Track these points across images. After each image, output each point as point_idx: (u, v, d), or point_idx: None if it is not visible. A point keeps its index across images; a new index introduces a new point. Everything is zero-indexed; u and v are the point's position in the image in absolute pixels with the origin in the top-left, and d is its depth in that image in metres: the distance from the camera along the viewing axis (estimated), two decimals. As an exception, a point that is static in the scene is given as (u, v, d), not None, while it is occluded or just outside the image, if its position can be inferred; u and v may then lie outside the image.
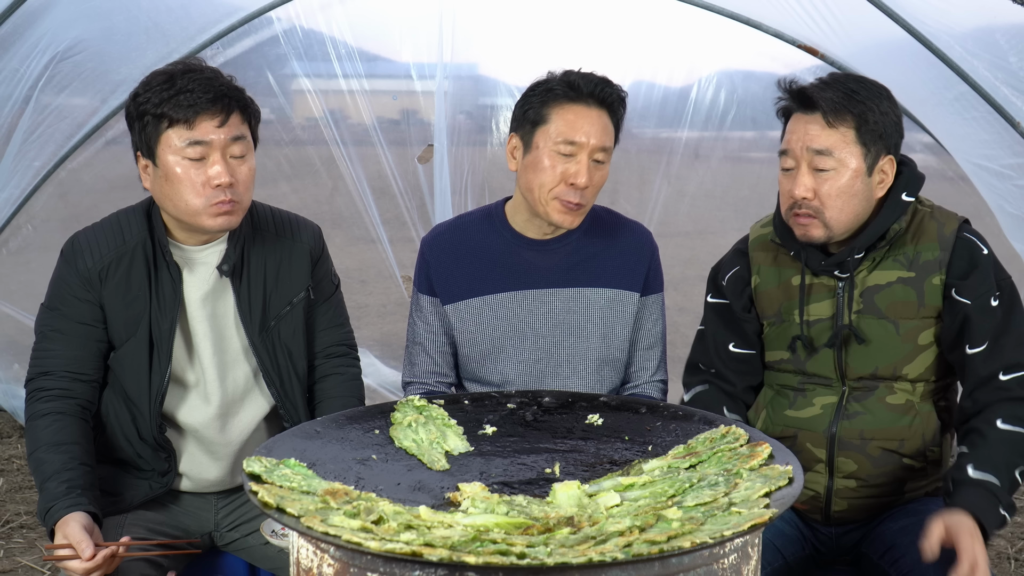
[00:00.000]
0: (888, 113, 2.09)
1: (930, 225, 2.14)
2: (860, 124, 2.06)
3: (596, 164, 2.28)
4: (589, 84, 2.27)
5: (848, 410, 2.17)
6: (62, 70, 3.92)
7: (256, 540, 2.24)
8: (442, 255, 2.43)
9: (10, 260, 4.60)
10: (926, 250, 2.12)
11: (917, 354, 2.14)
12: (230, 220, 2.09)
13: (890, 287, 2.13)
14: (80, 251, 2.13)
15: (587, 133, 2.25)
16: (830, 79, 2.12)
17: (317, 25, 4.42)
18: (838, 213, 2.08)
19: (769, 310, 2.26)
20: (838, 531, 2.26)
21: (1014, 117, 3.66)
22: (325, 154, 4.58)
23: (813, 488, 2.22)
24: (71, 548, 1.87)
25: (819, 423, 2.19)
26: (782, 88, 2.14)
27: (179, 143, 2.02)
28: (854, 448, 2.16)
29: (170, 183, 2.04)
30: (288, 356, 2.26)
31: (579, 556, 1.27)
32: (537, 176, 2.28)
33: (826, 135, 2.06)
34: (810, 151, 2.07)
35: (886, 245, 2.13)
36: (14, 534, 3.71)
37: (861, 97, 2.06)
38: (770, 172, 4.61)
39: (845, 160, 2.06)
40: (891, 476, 2.18)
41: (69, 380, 2.12)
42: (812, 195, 2.07)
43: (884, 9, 3.59)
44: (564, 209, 2.28)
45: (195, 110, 2.00)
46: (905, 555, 2.06)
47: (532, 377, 2.39)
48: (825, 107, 2.05)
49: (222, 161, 2.04)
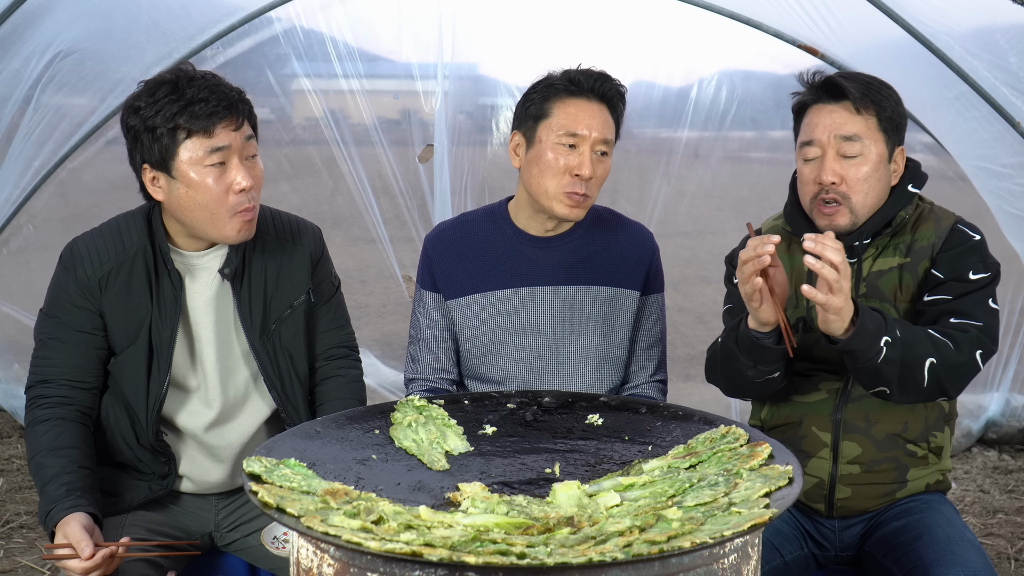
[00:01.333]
0: (898, 105, 2.20)
1: (929, 217, 2.23)
2: (880, 112, 2.16)
3: (599, 156, 2.31)
4: (589, 79, 2.31)
5: (853, 394, 2.21)
6: (62, 69, 3.91)
7: (257, 540, 2.23)
8: (445, 251, 2.44)
9: (10, 260, 4.60)
10: (922, 238, 2.19)
11: None
12: (251, 229, 2.10)
13: (890, 272, 2.19)
14: (79, 258, 2.12)
15: (588, 125, 2.28)
16: (846, 74, 2.22)
17: (317, 25, 4.42)
18: (863, 198, 2.15)
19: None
20: (841, 524, 2.26)
21: (1014, 117, 3.67)
22: (326, 154, 4.58)
23: (817, 475, 2.23)
24: (71, 548, 1.87)
25: (824, 407, 2.23)
26: (804, 82, 2.23)
27: (199, 152, 2.00)
28: (859, 431, 2.19)
29: (191, 193, 2.03)
30: (289, 359, 2.26)
31: (579, 556, 1.27)
32: (541, 170, 2.29)
33: (854, 121, 2.15)
34: (838, 138, 2.15)
35: (890, 233, 2.20)
36: (14, 534, 3.71)
37: (876, 87, 2.17)
38: (770, 172, 4.62)
39: (870, 146, 2.15)
40: (895, 462, 2.20)
41: (69, 388, 2.12)
42: (840, 180, 2.15)
43: (884, 9, 3.59)
44: (570, 202, 2.29)
45: (214, 120, 2.00)
46: (907, 553, 2.08)
47: (532, 374, 2.40)
48: (854, 95, 2.14)
49: (240, 166, 2.04)
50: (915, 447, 2.21)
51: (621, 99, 2.36)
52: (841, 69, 4.08)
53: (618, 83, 2.35)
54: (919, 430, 2.21)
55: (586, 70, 2.34)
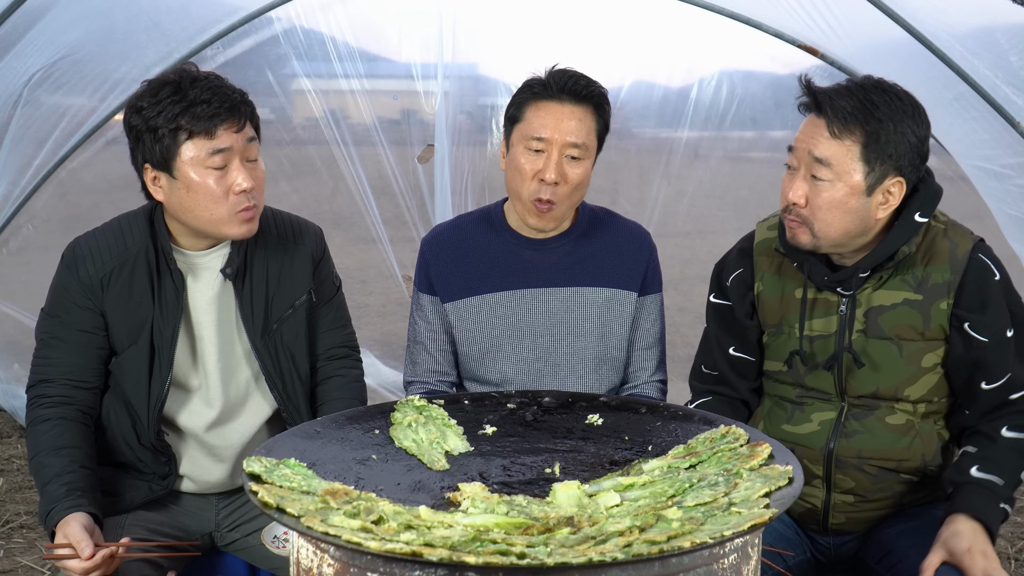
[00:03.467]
0: (907, 133, 1.94)
1: (942, 245, 2.04)
2: (869, 140, 1.93)
3: (571, 160, 2.27)
4: (560, 80, 2.27)
5: (846, 428, 2.12)
6: (62, 69, 3.91)
7: (257, 540, 2.23)
8: (442, 254, 2.44)
9: (10, 260, 4.59)
10: (936, 272, 2.03)
11: (920, 376, 2.09)
12: (253, 226, 2.09)
13: (895, 308, 2.05)
14: (81, 258, 2.12)
15: (555, 128, 2.25)
16: (854, 85, 1.98)
17: (317, 25, 4.42)
18: (826, 227, 1.99)
19: (770, 319, 2.21)
20: (836, 541, 2.24)
21: (1014, 117, 3.66)
22: (326, 154, 4.58)
23: (811, 501, 2.19)
24: (71, 547, 1.87)
25: (816, 440, 2.14)
26: (801, 84, 2.03)
27: (200, 153, 2.00)
28: (851, 467, 2.12)
29: (192, 194, 2.03)
30: (291, 359, 2.26)
31: (579, 556, 1.27)
32: (512, 175, 2.31)
33: (827, 144, 1.95)
34: (810, 156, 1.97)
35: (893, 266, 2.04)
36: (14, 534, 3.71)
37: (879, 113, 1.93)
38: (770, 172, 4.62)
39: (843, 174, 1.94)
40: (889, 491, 2.15)
41: (70, 387, 2.12)
42: (804, 202, 1.99)
43: (884, 9, 3.59)
44: (535, 209, 2.28)
45: (215, 121, 1.99)
46: (903, 560, 2.04)
47: (530, 376, 2.39)
48: (832, 115, 1.93)
49: (241, 168, 2.04)
50: (910, 476, 2.14)
51: (600, 99, 2.30)
52: (841, 69, 4.09)
53: (593, 83, 2.29)
54: (915, 466, 2.12)
55: (560, 70, 2.30)
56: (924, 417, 2.12)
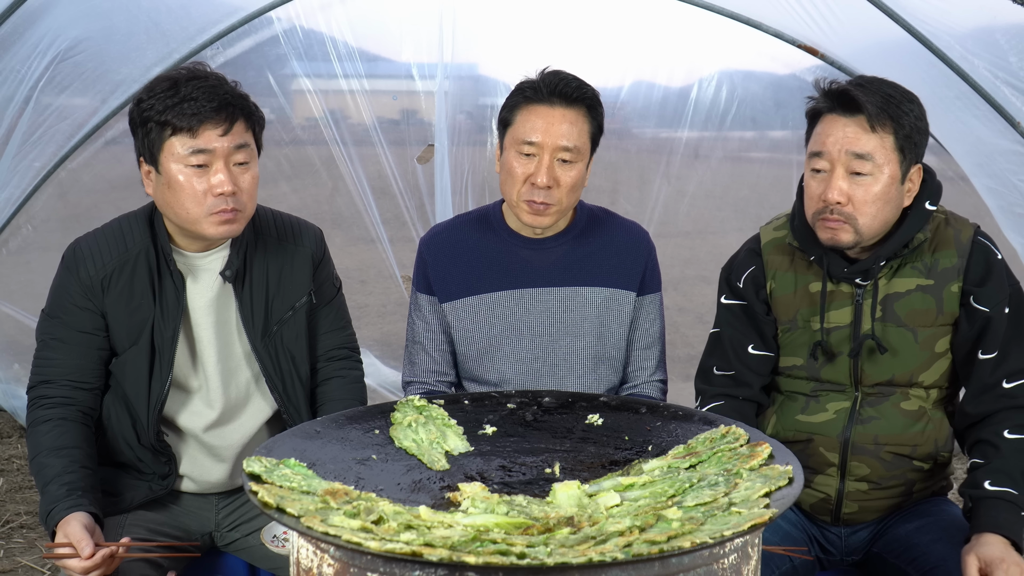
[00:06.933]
0: (919, 120, 2.05)
1: (947, 232, 2.12)
2: (898, 130, 2.02)
3: (563, 164, 2.27)
4: (550, 84, 2.27)
5: (862, 415, 2.16)
6: (62, 70, 3.91)
7: (257, 540, 2.23)
8: (439, 254, 2.44)
9: (10, 260, 4.59)
10: (944, 257, 2.10)
11: (933, 361, 2.14)
12: (232, 228, 2.08)
13: (909, 295, 2.11)
14: (82, 259, 2.12)
15: (545, 132, 2.25)
16: (864, 82, 2.06)
17: (317, 25, 4.42)
18: (871, 220, 2.04)
19: (785, 316, 2.23)
20: (847, 531, 2.26)
21: (1014, 117, 3.66)
22: (325, 154, 4.58)
23: (824, 491, 2.22)
24: (71, 547, 1.87)
25: (832, 428, 2.18)
26: (819, 89, 2.09)
27: (182, 151, 2.01)
28: (867, 453, 2.16)
29: (172, 191, 2.03)
30: (291, 360, 2.26)
31: (579, 556, 1.27)
32: (505, 178, 2.31)
33: (867, 139, 2.01)
34: (849, 154, 2.02)
35: (907, 254, 2.11)
36: (14, 534, 3.71)
37: (897, 102, 2.03)
38: (770, 172, 4.62)
39: (883, 165, 2.02)
40: (902, 478, 2.18)
41: (70, 388, 2.12)
42: (846, 200, 2.03)
43: (884, 9, 3.59)
44: (530, 209, 2.28)
45: (199, 119, 1.99)
46: (927, 553, 2.08)
47: (529, 375, 2.39)
48: (870, 110, 2.00)
49: (225, 169, 2.03)
50: (922, 463, 2.19)
51: (592, 101, 2.30)
52: (841, 69, 4.09)
53: (584, 85, 2.29)
54: (927, 451, 2.17)
55: (551, 73, 2.30)
56: (935, 404, 2.17)
